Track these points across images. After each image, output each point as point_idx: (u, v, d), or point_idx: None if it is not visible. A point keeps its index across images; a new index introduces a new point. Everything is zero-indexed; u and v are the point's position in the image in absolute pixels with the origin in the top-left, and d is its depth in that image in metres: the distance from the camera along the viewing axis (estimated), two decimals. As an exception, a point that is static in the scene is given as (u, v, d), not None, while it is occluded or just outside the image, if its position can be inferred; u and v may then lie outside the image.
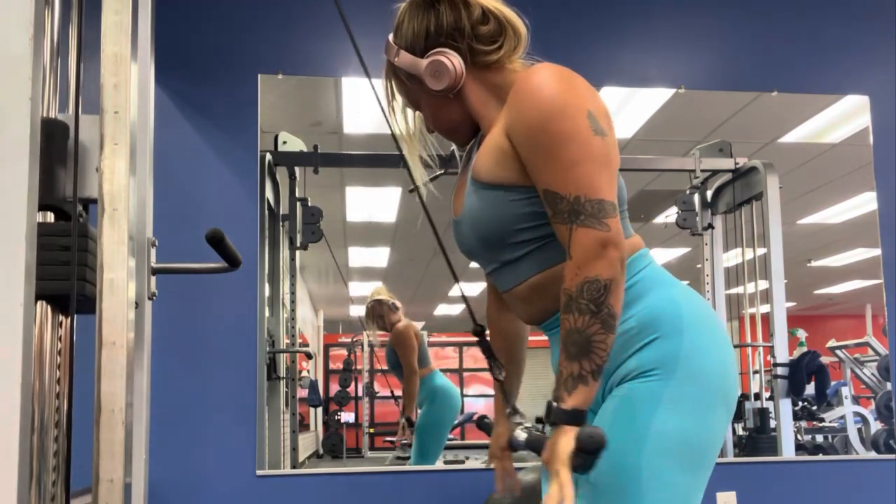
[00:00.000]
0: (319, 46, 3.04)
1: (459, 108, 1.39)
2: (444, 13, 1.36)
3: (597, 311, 1.17)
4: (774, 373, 3.18)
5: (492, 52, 1.37)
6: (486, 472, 2.92)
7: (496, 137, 1.31)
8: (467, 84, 1.37)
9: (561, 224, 1.22)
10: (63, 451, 1.08)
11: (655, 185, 3.50)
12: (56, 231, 1.07)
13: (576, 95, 1.25)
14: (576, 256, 1.19)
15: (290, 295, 3.14)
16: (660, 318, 1.26)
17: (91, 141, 1.13)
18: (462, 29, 1.35)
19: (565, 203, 1.21)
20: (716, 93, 3.25)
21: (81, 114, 1.11)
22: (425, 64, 1.35)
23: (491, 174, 1.30)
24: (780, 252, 3.21)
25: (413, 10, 1.39)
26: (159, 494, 2.68)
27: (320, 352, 3.60)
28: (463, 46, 1.36)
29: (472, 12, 1.36)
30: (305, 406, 3.29)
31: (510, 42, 1.38)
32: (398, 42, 1.40)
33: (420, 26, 1.37)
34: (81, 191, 1.12)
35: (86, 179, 1.14)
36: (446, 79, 1.35)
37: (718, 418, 1.26)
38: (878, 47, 3.26)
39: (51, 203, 1.09)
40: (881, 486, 3.03)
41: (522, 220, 1.28)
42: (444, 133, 1.46)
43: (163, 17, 1.82)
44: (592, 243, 1.18)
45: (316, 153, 3.12)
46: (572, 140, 1.21)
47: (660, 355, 1.23)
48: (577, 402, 1.17)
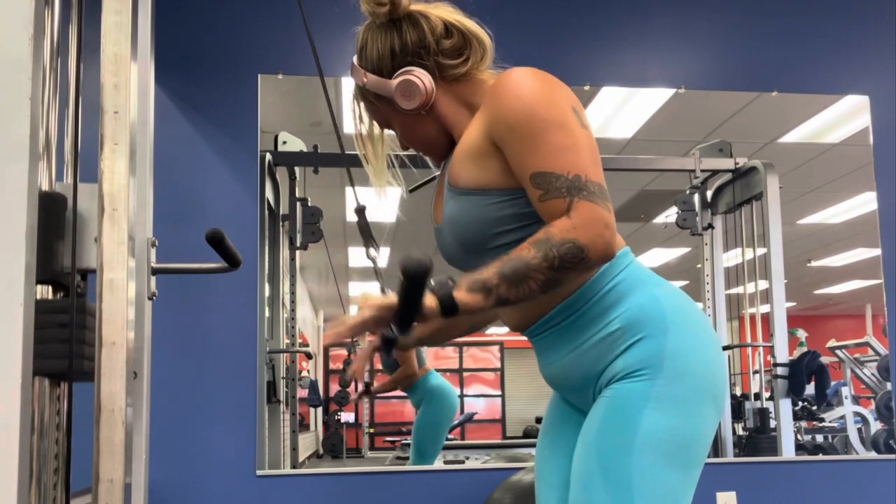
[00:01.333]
0: (320, 46, 3.04)
1: (433, 123, 1.39)
2: (407, 32, 1.35)
3: (554, 269, 1.16)
4: (774, 373, 3.18)
5: (459, 65, 1.36)
6: (487, 471, 2.92)
7: (472, 141, 1.30)
8: (438, 99, 1.37)
9: (556, 198, 1.19)
10: (63, 451, 1.08)
11: (655, 185, 3.50)
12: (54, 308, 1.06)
13: (558, 90, 1.25)
14: (576, 219, 1.17)
15: (289, 295, 3.14)
16: (643, 318, 1.26)
17: (89, 211, 1.12)
18: (427, 45, 1.35)
19: (562, 181, 1.19)
20: (716, 93, 3.25)
21: (79, 182, 1.10)
22: (395, 84, 1.34)
23: (468, 179, 1.29)
24: (780, 252, 3.21)
25: (374, 31, 1.38)
26: (159, 494, 2.68)
27: (320, 352, 3.60)
28: (430, 63, 1.35)
29: (434, 28, 1.35)
30: (305, 406, 3.29)
31: (476, 54, 1.38)
32: (363, 65, 1.39)
33: (384, 47, 1.36)
34: (80, 262, 1.12)
35: (84, 249, 1.13)
36: (418, 97, 1.34)
37: (707, 416, 1.26)
38: (878, 47, 3.26)
39: (49, 277, 1.07)
40: (881, 486, 3.03)
41: (501, 224, 1.28)
42: (419, 149, 1.45)
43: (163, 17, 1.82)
44: (598, 218, 1.17)
45: (316, 153, 3.12)
46: (562, 127, 1.21)
47: (645, 355, 1.23)
48: (465, 299, 1.17)
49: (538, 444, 1.47)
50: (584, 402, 1.33)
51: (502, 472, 2.82)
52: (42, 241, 1.02)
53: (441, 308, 1.18)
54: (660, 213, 3.53)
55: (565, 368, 1.33)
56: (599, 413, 1.25)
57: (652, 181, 3.49)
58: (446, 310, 1.18)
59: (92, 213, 1.12)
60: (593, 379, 1.29)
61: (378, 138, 1.49)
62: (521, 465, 2.85)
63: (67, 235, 1.10)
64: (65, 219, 1.11)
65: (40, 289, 1.07)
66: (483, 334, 4.02)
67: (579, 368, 1.30)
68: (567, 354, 1.31)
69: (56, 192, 1.10)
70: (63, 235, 1.10)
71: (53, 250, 1.08)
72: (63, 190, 1.11)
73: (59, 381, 1.08)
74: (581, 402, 1.35)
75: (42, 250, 1.03)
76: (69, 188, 1.10)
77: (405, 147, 1.46)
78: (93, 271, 1.10)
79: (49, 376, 1.06)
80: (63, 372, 1.05)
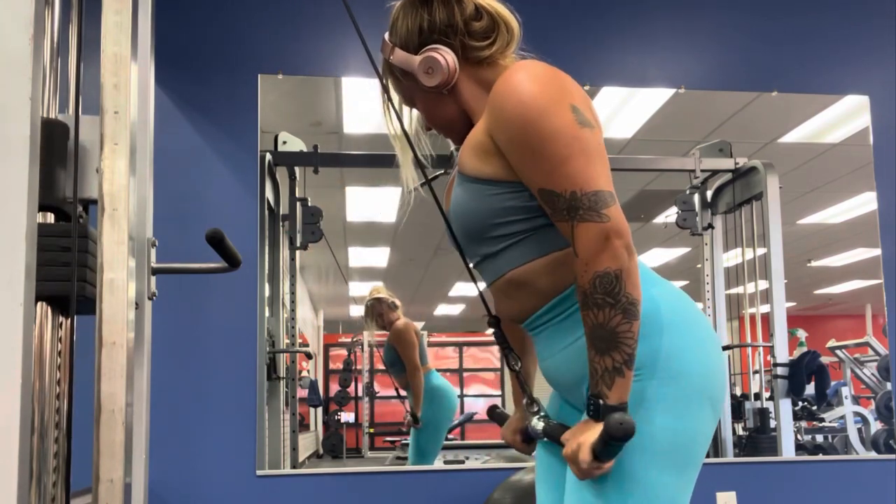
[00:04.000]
0: (319, 46, 3.04)
1: (454, 104, 1.39)
2: (438, 10, 1.36)
3: (614, 302, 1.17)
4: (774, 373, 3.18)
5: (484, 48, 1.37)
6: (487, 471, 2.92)
7: (478, 134, 1.31)
8: (461, 80, 1.37)
9: (562, 222, 1.21)
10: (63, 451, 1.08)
11: (655, 185, 3.50)
12: (56, 232, 1.07)
13: (557, 91, 1.24)
14: (581, 253, 1.19)
15: (290, 295, 3.14)
16: None
17: (91, 141, 1.14)
18: (455, 25, 1.36)
19: (562, 200, 1.20)
20: (716, 93, 3.25)
21: (81, 114, 1.11)
22: (419, 60, 1.36)
23: (473, 168, 1.30)
24: (780, 252, 3.21)
25: (407, 7, 1.39)
26: (159, 494, 2.68)
27: (320, 352, 3.60)
28: (456, 43, 1.36)
29: (465, 9, 1.36)
30: (305, 406, 3.29)
31: (503, 38, 1.38)
32: (393, 40, 1.41)
33: (414, 24, 1.38)
34: (81, 191, 1.13)
35: (86, 180, 1.14)
36: (439, 75, 1.35)
37: (703, 417, 1.25)
38: (878, 47, 3.26)
39: (51, 203, 1.09)
40: (881, 486, 3.03)
41: (501, 215, 1.28)
42: (441, 130, 1.46)
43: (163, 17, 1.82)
44: (594, 237, 1.18)
45: (316, 153, 3.12)
46: (559, 136, 1.21)
47: (640, 356, 1.22)
48: (620, 394, 1.18)
49: (539, 445, 1.47)
50: (579, 400, 1.33)
51: (502, 472, 2.82)
52: (44, 167, 1.02)
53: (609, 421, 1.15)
54: (660, 213, 3.53)
55: (559, 364, 1.33)
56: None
57: (652, 181, 3.49)
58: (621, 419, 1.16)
59: (94, 144, 1.12)
60: (587, 377, 1.28)
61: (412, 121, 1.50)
62: (521, 465, 2.85)
63: (69, 165, 1.11)
64: (66, 148, 1.11)
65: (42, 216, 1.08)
66: (483, 334, 4.02)
67: (573, 365, 1.30)
68: (561, 350, 1.32)
69: (58, 119, 1.11)
70: (65, 164, 1.11)
71: (55, 178, 1.09)
72: (65, 120, 1.12)
73: (62, 310, 1.08)
74: (576, 399, 1.35)
75: (44, 175, 1.03)
76: (71, 119, 1.10)
77: (428, 128, 1.48)
78: (94, 202, 1.11)
79: (51, 300, 1.06)
80: (65, 295, 1.05)
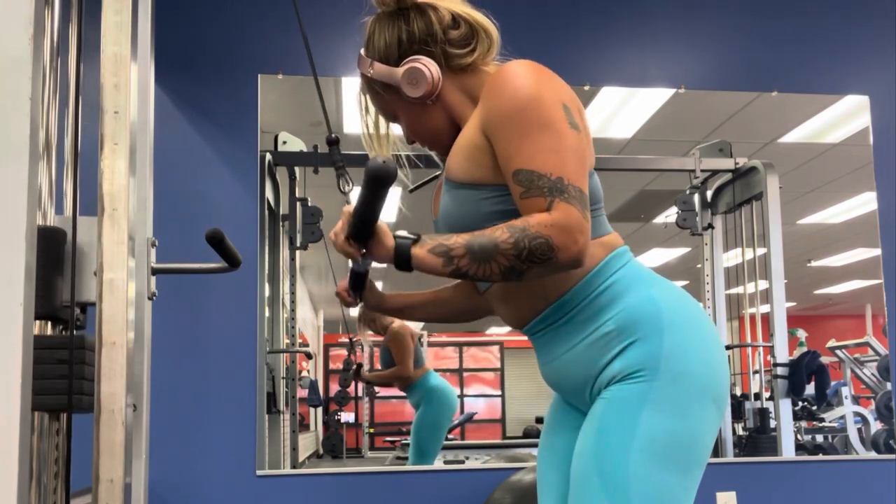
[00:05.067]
0: (319, 46, 3.04)
1: (440, 113, 1.39)
2: (415, 21, 1.36)
3: (521, 259, 1.18)
4: (774, 373, 3.18)
5: (465, 55, 1.37)
6: (487, 471, 2.92)
7: (469, 135, 1.30)
8: (445, 89, 1.37)
9: (537, 196, 1.19)
10: (63, 451, 1.08)
11: (655, 185, 3.50)
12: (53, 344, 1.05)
13: (551, 87, 1.24)
14: (555, 217, 1.17)
15: (289, 295, 3.14)
16: (639, 319, 1.25)
17: (89, 244, 1.12)
18: (434, 34, 1.35)
19: (545, 180, 1.19)
20: (716, 93, 3.25)
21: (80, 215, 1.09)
22: (401, 72, 1.35)
23: (462, 172, 1.29)
24: (780, 252, 3.21)
25: (383, 21, 1.39)
26: (159, 494, 2.68)
27: (320, 352, 3.60)
28: (437, 52, 1.36)
29: (441, 17, 1.36)
30: (305, 406, 3.29)
31: (483, 44, 1.38)
32: (370, 55, 1.40)
33: (392, 36, 1.37)
34: (79, 295, 1.11)
35: (83, 284, 1.13)
36: (424, 85, 1.34)
37: (707, 417, 1.25)
38: (878, 47, 3.26)
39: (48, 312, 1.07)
40: (881, 486, 3.03)
41: (491, 219, 1.27)
42: (425, 142, 1.45)
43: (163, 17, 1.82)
44: (576, 222, 1.17)
45: (316, 153, 3.12)
46: (549, 127, 1.21)
47: (642, 357, 1.22)
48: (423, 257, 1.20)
49: (540, 446, 1.47)
50: (582, 402, 1.33)
51: (502, 472, 2.82)
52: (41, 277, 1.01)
53: (396, 255, 1.21)
54: (660, 213, 3.53)
55: (561, 368, 1.33)
56: (597, 415, 1.25)
57: (652, 181, 3.49)
58: (400, 258, 1.21)
59: (91, 247, 1.11)
60: (590, 380, 1.28)
61: (384, 137, 1.49)
62: (521, 465, 2.85)
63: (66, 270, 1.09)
64: (64, 253, 1.10)
65: (39, 324, 1.07)
66: (483, 334, 4.02)
67: (575, 369, 1.30)
68: (563, 354, 1.31)
69: (55, 227, 1.10)
70: (62, 271, 1.09)
71: (53, 286, 1.08)
72: (62, 223, 1.10)
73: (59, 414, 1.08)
74: (580, 402, 1.35)
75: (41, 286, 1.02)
76: (68, 221, 1.09)
77: (411, 141, 1.46)
78: (92, 304, 1.09)
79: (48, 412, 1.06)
80: (62, 408, 1.04)
